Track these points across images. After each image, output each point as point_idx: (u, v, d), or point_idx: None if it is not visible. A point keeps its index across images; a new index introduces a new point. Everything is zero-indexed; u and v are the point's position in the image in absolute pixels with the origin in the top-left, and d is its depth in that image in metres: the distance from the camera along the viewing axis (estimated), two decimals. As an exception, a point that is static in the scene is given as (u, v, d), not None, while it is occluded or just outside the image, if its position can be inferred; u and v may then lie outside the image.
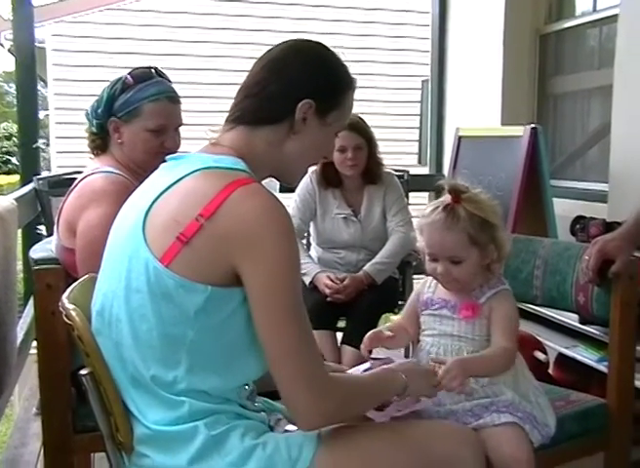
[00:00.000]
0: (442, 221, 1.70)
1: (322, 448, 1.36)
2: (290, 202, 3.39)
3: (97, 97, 2.14)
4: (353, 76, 1.51)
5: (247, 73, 1.48)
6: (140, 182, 1.50)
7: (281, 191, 3.86)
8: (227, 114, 1.47)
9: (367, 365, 1.64)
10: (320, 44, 1.50)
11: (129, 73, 2.12)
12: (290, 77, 1.43)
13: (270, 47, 1.50)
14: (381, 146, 3.33)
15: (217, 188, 1.31)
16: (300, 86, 1.43)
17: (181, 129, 2.20)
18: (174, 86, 2.18)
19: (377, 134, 3.31)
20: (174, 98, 2.15)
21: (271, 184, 3.96)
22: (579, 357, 2.54)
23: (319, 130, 1.46)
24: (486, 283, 1.76)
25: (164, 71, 2.20)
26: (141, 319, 1.33)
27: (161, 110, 2.10)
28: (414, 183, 3.98)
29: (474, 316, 1.73)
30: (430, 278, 1.84)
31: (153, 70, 2.14)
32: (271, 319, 1.30)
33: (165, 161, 1.48)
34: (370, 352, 1.74)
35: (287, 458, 1.33)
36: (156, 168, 1.49)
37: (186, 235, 1.29)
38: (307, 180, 3.35)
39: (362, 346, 1.77)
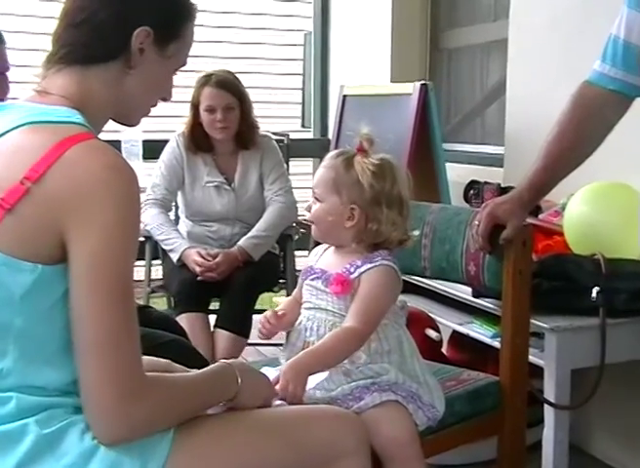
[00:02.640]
0: (333, 164, 1.75)
1: (179, 443, 1.31)
2: (154, 171, 3.31)
3: None
4: (194, 3, 1.43)
5: None
6: None
7: (145, 158, 3.77)
8: (50, 50, 1.36)
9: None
10: None
11: None
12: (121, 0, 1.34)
13: None
14: (262, 109, 3.28)
15: (46, 146, 1.22)
16: (134, 10, 1.34)
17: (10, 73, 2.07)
18: None
19: (256, 95, 3.26)
20: None
21: (134, 150, 3.85)
22: (473, 334, 2.57)
23: (159, 63, 1.39)
24: (365, 258, 1.75)
25: None
26: None
27: None
28: (295, 149, 3.96)
29: (343, 292, 1.73)
30: (321, 246, 1.86)
31: None
32: (92, 298, 1.21)
33: None
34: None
35: (137, 458, 1.27)
36: None
37: (9, 201, 1.21)
38: (174, 144, 3.28)
39: (262, 330, 1.80)
